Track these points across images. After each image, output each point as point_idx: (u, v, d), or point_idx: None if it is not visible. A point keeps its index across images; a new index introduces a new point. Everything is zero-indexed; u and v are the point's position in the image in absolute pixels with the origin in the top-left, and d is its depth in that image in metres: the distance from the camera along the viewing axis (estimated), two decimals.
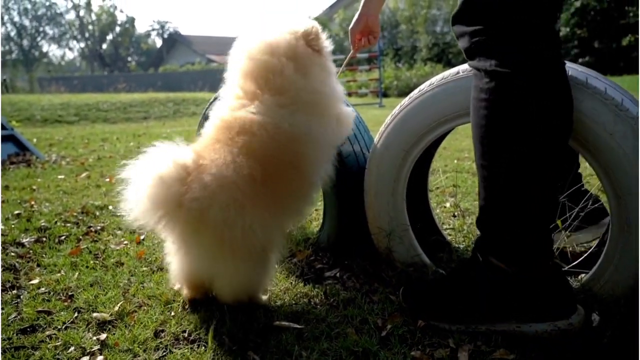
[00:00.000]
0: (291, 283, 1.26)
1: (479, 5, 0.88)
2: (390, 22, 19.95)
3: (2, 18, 39.38)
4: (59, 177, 2.99)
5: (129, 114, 8.95)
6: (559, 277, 0.95)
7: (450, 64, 17.02)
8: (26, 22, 40.68)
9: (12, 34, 40.45)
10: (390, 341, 0.97)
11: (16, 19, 40.71)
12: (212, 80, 18.41)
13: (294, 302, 1.16)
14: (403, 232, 1.31)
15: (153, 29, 44.27)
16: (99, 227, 1.86)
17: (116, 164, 3.43)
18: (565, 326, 0.91)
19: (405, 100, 1.23)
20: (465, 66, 1.13)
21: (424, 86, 1.20)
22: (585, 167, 1.61)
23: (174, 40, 37.55)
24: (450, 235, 1.54)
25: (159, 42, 41.64)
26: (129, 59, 42.46)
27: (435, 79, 1.18)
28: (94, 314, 1.14)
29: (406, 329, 1.00)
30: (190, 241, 1.00)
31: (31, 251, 1.61)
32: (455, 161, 3.06)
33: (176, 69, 26.01)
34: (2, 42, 40.17)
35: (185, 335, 1.04)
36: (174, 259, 1.09)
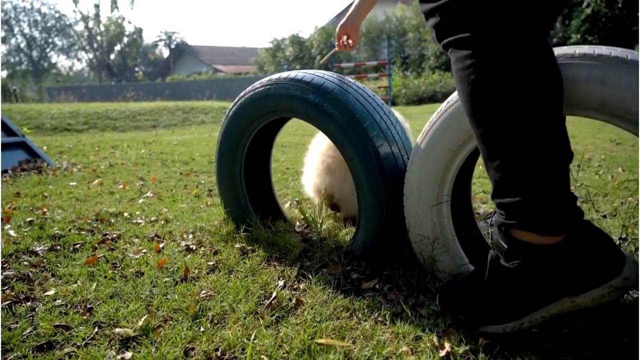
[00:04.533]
0: (328, 295, 1.15)
1: None
2: (398, 31, 19.97)
3: (13, 30, 39.90)
4: (71, 184, 2.91)
5: (138, 122, 8.92)
6: (594, 231, 0.87)
7: None
8: (36, 34, 41.22)
9: (22, 45, 40.97)
10: None
11: (26, 30, 41.28)
12: (220, 89, 18.46)
13: (335, 316, 1.05)
14: (448, 240, 1.21)
15: (160, 40, 44.66)
16: (115, 235, 1.77)
17: (129, 171, 3.36)
18: (621, 283, 0.83)
19: (454, 96, 1.13)
20: None
21: None
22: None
23: (181, 51, 37.88)
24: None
25: (166, 53, 42.01)
26: (137, 69, 42.84)
27: None
28: (116, 330, 1.04)
29: (467, 348, 0.89)
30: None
31: (45, 260, 1.51)
32: (481, 167, 2.95)
33: (183, 79, 26.16)
34: (12, 54, 40.67)
35: (219, 354, 0.94)
36: (318, 179, 1.77)
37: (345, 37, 1.57)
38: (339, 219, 1.84)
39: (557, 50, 0.99)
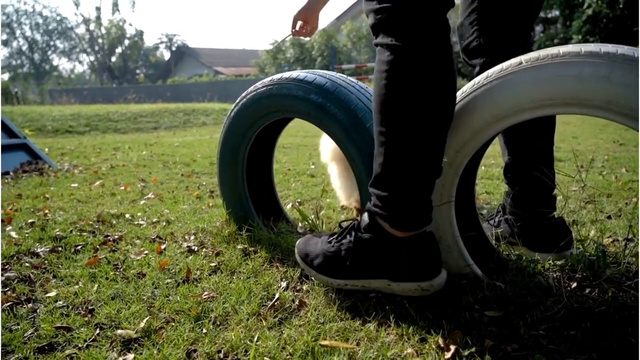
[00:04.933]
0: (331, 296, 1.14)
1: None
2: None
3: (15, 33, 40.01)
4: (73, 185, 2.90)
5: (139, 124, 8.93)
6: (430, 242, 1.06)
7: (460, 74, 16.94)
8: (38, 37, 41.35)
9: (24, 48, 41.09)
10: None
11: (28, 33, 41.40)
12: (220, 91, 18.47)
13: (338, 317, 1.04)
14: (452, 241, 1.20)
15: (161, 42, 44.76)
16: (116, 236, 1.76)
17: (130, 173, 3.35)
18: (427, 286, 1.04)
19: (457, 95, 1.12)
20: (527, 56, 1.03)
21: (480, 79, 1.09)
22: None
23: (181, 53, 37.94)
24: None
25: (167, 55, 42.09)
26: (138, 71, 42.92)
27: (492, 71, 1.07)
28: (118, 331, 1.03)
29: (473, 350, 0.88)
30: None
31: (46, 261, 1.51)
32: (483, 167, 2.94)
33: (184, 81, 26.19)
34: (14, 56, 40.79)
35: (221, 355, 0.93)
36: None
37: (302, 22, 1.54)
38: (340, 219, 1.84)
39: (563, 49, 0.98)
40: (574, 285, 1.14)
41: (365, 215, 1.09)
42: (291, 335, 0.96)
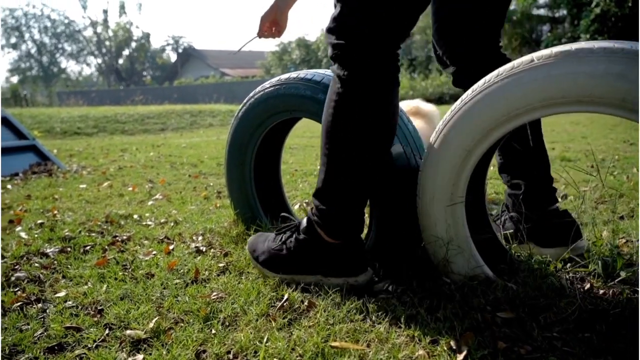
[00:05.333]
0: (340, 297, 1.13)
1: (341, 24, 1.08)
2: None
3: (23, 36, 40.43)
4: (81, 186, 2.92)
5: (147, 126, 8.97)
6: (358, 245, 1.21)
7: None
8: (46, 40, 41.75)
9: (33, 51, 41.50)
10: None
11: (36, 36, 41.81)
12: (227, 92, 18.53)
13: (348, 318, 1.03)
14: (462, 242, 1.19)
15: (168, 44, 45.04)
16: (125, 237, 1.76)
17: (138, 174, 3.37)
18: (353, 282, 1.18)
19: (468, 94, 1.11)
20: (539, 53, 1.01)
21: (491, 77, 1.08)
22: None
23: (188, 55, 38.12)
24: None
25: (173, 57, 42.32)
26: (145, 73, 43.18)
27: (503, 69, 1.06)
28: (127, 331, 1.02)
29: (485, 352, 0.87)
30: None
31: (56, 262, 1.51)
32: (492, 167, 2.91)
33: (191, 82, 26.30)
34: (23, 59, 41.21)
35: (230, 356, 0.92)
36: None
37: (269, 23, 1.45)
38: None
39: (575, 45, 0.97)
40: (587, 286, 1.12)
41: (305, 220, 1.24)
42: (301, 336, 0.96)
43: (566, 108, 1.00)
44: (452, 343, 0.90)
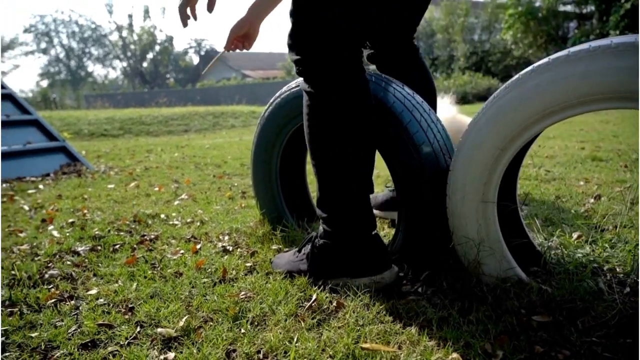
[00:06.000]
0: (369, 298, 1.12)
1: (295, 40, 1.13)
2: (426, 32, 19.72)
3: (52, 41, 41.65)
4: (109, 186, 2.98)
5: (170, 127, 9.12)
6: (377, 242, 1.20)
7: (489, 73, 16.61)
8: (74, 44, 42.92)
9: (62, 55, 42.72)
10: None
11: (65, 41, 43.02)
12: (248, 94, 18.68)
13: (377, 320, 1.02)
14: (494, 243, 1.16)
15: (190, 47, 45.72)
16: (152, 236, 1.79)
17: (163, 174, 3.42)
18: (379, 279, 1.17)
19: (501, 91, 1.08)
20: (576, 48, 0.98)
21: (524, 73, 1.05)
22: None
23: (210, 57, 38.61)
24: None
25: (196, 59, 42.94)
26: (168, 76, 43.93)
27: (537, 65, 1.03)
28: (158, 329, 1.03)
29: (522, 356, 0.84)
30: None
31: (87, 260, 1.54)
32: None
33: (213, 84, 26.63)
34: (52, 64, 42.47)
35: (260, 356, 0.92)
36: None
37: (239, 37, 1.43)
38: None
39: (616, 39, 0.93)
40: (627, 290, 1.08)
41: (321, 227, 1.24)
42: (330, 337, 0.95)
43: (605, 105, 0.96)
44: (487, 346, 0.88)
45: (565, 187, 2.24)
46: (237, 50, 1.46)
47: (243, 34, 1.43)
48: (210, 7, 1.37)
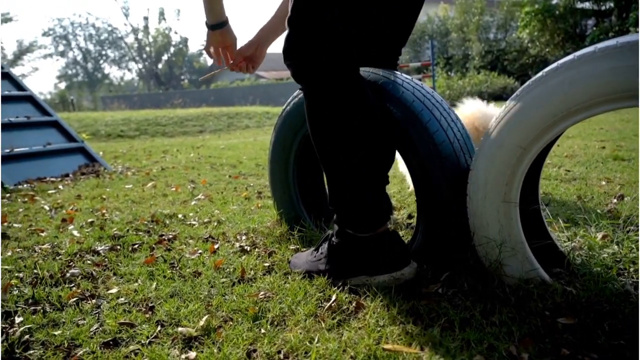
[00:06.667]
0: (389, 298, 1.11)
1: (289, 46, 1.15)
2: (440, 31, 19.57)
3: (70, 44, 42.39)
4: (127, 186, 3.02)
5: (186, 128, 9.20)
6: (395, 238, 1.19)
7: (505, 72, 16.40)
8: (91, 47, 43.63)
9: (79, 58, 43.46)
10: None
11: (82, 44, 43.76)
12: (262, 95, 18.76)
13: (398, 320, 1.01)
14: (516, 244, 1.14)
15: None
16: (170, 236, 1.80)
17: (180, 174, 3.45)
18: (399, 276, 1.16)
19: (524, 88, 1.06)
20: (601, 45, 0.96)
21: (548, 70, 1.03)
22: None
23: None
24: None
25: (210, 61, 43.19)
26: (182, 77, 44.36)
27: (562, 62, 1.01)
28: (179, 329, 1.04)
29: (548, 359, 0.82)
30: None
31: (106, 259, 1.56)
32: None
33: (227, 85, 26.79)
34: (70, 66, 43.23)
35: (281, 356, 0.92)
36: None
37: (245, 58, 1.52)
38: (394, 220, 1.79)
39: (621, 39, 0.91)
40: None
41: (335, 226, 1.24)
42: (351, 337, 0.94)
43: (632, 102, 0.94)
44: (511, 349, 0.86)
45: (587, 187, 2.20)
46: (240, 71, 1.55)
47: (250, 55, 1.52)
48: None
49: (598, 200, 1.93)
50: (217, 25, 1.42)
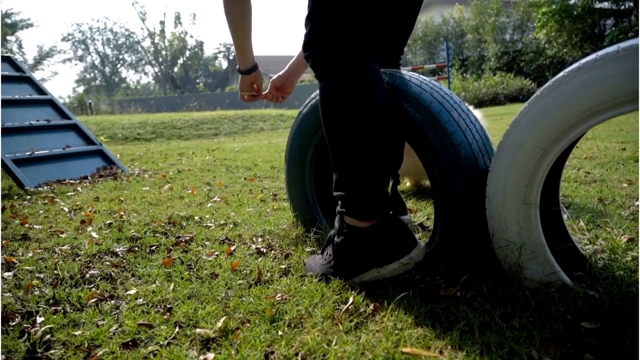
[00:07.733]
0: (407, 301, 1.10)
1: (314, 37, 1.20)
2: (455, 32, 19.42)
3: (89, 49, 43.18)
4: (144, 189, 3.05)
5: (201, 131, 9.29)
6: (397, 223, 1.18)
7: (522, 73, 16.20)
8: (108, 51, 44.40)
9: (97, 62, 44.26)
10: None
11: (100, 48, 44.55)
12: None
13: (417, 323, 1.00)
14: (536, 247, 1.12)
15: (219, 52, 46.51)
16: (187, 238, 1.81)
17: (196, 177, 3.48)
18: (407, 260, 1.16)
19: (545, 89, 1.05)
20: (625, 44, 0.94)
21: (571, 69, 1.01)
22: None
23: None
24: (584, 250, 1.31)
25: (224, 64, 43.65)
26: (198, 80, 44.82)
27: (584, 61, 0.99)
28: (197, 330, 1.04)
29: None
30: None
31: (125, 260, 1.58)
32: None
33: None
34: (88, 71, 44.03)
35: (299, 358, 0.92)
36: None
37: (277, 88, 1.70)
38: (412, 221, 1.78)
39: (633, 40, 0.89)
40: None
41: (336, 221, 1.25)
42: (369, 340, 0.93)
43: None
44: (533, 353, 0.84)
45: (608, 189, 2.15)
46: (272, 101, 1.73)
47: (281, 86, 1.70)
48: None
49: (619, 203, 1.89)
50: (249, 70, 1.59)
